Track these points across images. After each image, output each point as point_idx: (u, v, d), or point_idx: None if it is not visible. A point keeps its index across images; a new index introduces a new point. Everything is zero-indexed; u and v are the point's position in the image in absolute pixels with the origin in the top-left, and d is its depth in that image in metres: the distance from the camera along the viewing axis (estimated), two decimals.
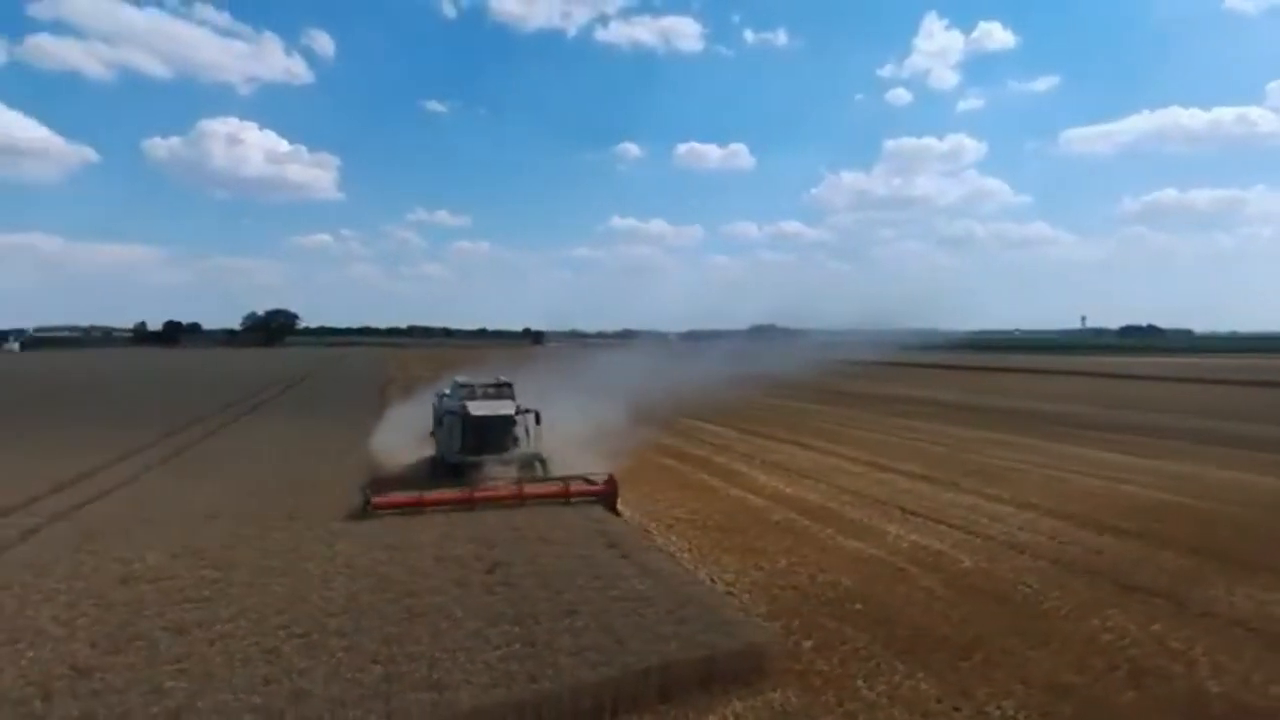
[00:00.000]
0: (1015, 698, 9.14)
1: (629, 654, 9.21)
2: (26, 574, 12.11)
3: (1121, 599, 12.38)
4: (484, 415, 18.84)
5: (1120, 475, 22.04)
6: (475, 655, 9.11)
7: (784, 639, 10.81)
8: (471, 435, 18.76)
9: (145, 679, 8.45)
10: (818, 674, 9.79)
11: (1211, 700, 9.05)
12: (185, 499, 18.12)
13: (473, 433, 18.76)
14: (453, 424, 19.06)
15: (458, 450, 18.78)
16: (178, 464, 23.68)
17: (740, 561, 14.43)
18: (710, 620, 10.28)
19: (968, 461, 24.79)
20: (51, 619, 10.22)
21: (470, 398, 19.46)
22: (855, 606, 12.15)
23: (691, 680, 9.13)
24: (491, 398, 19.66)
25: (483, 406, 19.11)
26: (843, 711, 8.85)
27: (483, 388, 19.96)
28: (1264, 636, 10.85)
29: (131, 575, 12.02)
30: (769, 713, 8.81)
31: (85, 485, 19.66)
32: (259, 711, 7.78)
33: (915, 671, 9.83)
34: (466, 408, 18.87)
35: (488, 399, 19.54)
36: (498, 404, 19.35)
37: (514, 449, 19.16)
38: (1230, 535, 15.95)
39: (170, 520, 15.82)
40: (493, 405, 19.24)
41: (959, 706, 8.95)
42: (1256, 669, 9.79)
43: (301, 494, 18.33)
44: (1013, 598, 12.55)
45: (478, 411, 18.86)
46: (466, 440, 18.73)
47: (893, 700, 9.11)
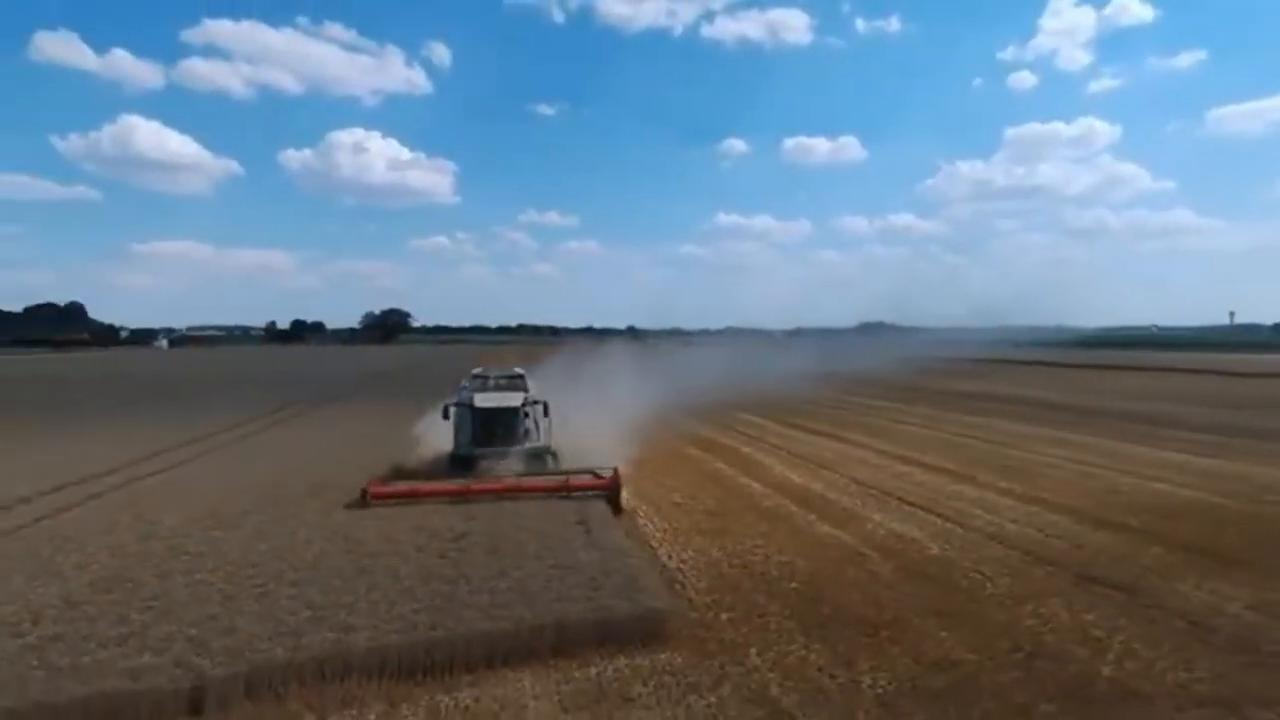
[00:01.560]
0: (895, 671, 9.36)
1: (530, 612, 10.04)
2: (69, 529, 14.21)
3: (1072, 589, 12.15)
4: (490, 407, 18.86)
5: (1162, 474, 20.92)
6: (395, 607, 10.17)
7: (705, 610, 11.34)
8: (479, 427, 18.79)
9: (117, 611, 9.99)
10: (717, 641, 10.28)
11: (1096, 682, 8.99)
12: (235, 473, 20.27)
13: (480, 425, 18.79)
14: (461, 416, 19.06)
15: (467, 442, 18.86)
16: (246, 443, 26.30)
17: (706, 542, 14.93)
18: (624, 589, 10.94)
19: (1005, 457, 24.06)
20: (70, 564, 12.08)
21: (480, 390, 19.70)
22: (792, 585, 12.49)
23: (587, 639, 9.84)
24: (502, 389, 19.86)
25: (490, 398, 19.20)
26: (721, 673, 9.34)
27: (495, 380, 20.26)
28: (1199, 629, 10.50)
29: (150, 534, 13.86)
30: (650, 669, 9.41)
31: (156, 460, 22.30)
32: (192, 640, 9.11)
33: (813, 644, 10.16)
34: (474, 399, 19.01)
35: (497, 390, 19.74)
36: (505, 395, 19.42)
37: (523, 441, 19.09)
38: (1238, 534, 15.11)
39: (210, 491, 17.83)
40: (500, 397, 19.32)
41: (835, 675, 9.26)
42: (1166, 658, 9.56)
43: (341, 470, 19.90)
44: (958, 583, 12.54)
45: (484, 403, 18.91)
46: (475, 432, 18.81)
47: (775, 666, 9.51)
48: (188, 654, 8.74)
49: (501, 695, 8.75)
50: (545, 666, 9.44)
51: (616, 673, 9.34)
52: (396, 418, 32.30)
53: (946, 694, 8.77)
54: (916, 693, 8.83)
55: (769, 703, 8.59)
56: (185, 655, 8.71)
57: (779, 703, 8.58)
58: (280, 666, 8.64)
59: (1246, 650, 9.83)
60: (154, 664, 8.50)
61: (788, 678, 9.23)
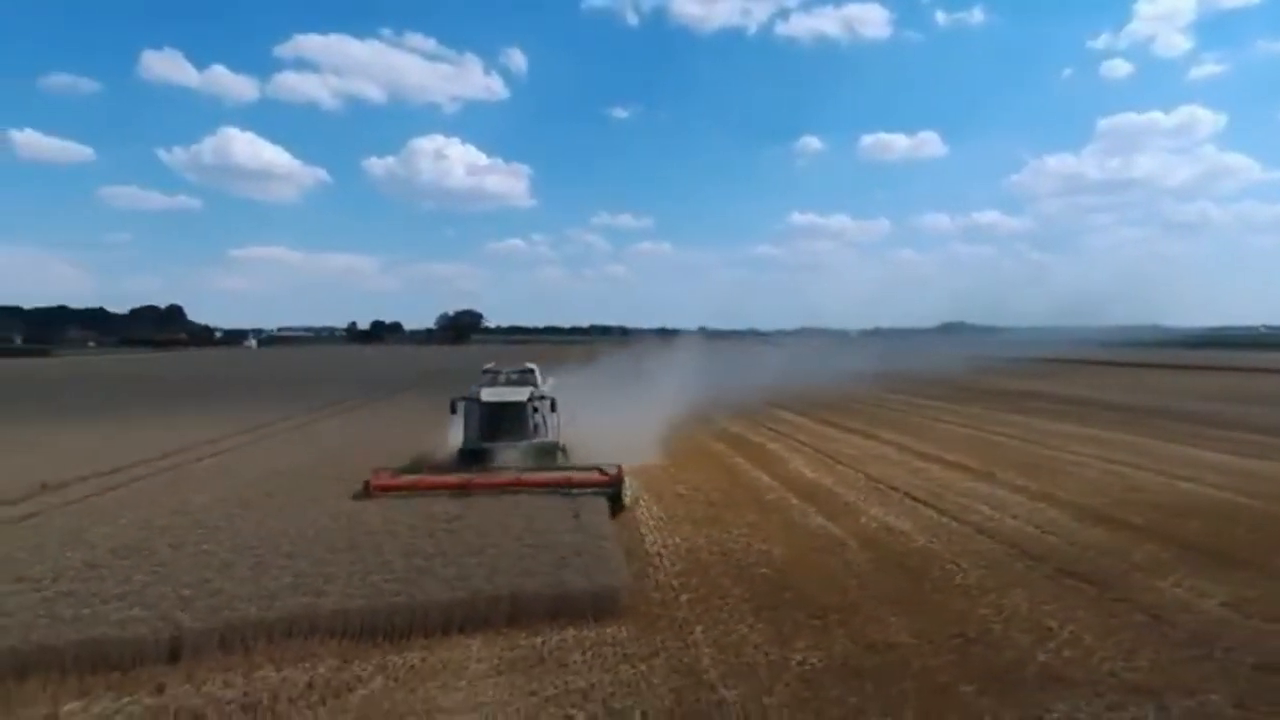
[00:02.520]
0: (829, 651, 9.61)
1: (490, 584, 10.71)
2: (110, 505, 15.69)
3: (1044, 582, 12.08)
4: (495, 401, 19.01)
5: (1195, 473, 20.15)
6: (369, 576, 10.99)
7: (668, 590, 11.81)
8: (486, 421, 18.89)
9: (125, 574, 11.13)
10: (669, 618, 10.72)
11: (1026, 668, 9.05)
12: (276, 459, 21.74)
13: (487, 419, 18.89)
14: (469, 410, 19.12)
15: (474, 437, 18.93)
16: (298, 432, 28.05)
17: (695, 530, 15.32)
18: (588, 567, 11.49)
19: (1034, 455, 23.57)
20: (100, 534, 13.39)
21: (488, 384, 19.88)
22: (762, 571, 12.81)
23: (541, 611, 10.44)
24: (512, 384, 20.07)
25: (496, 393, 19.36)
26: (659, 646, 9.76)
27: (505, 374, 20.45)
28: (1159, 623, 10.35)
29: (178, 511, 15.16)
30: (594, 640, 9.92)
31: (210, 447, 24.07)
32: (182, 599, 10.11)
33: (759, 624, 10.49)
34: (480, 394, 19.16)
35: (505, 385, 19.96)
36: (512, 390, 19.57)
37: (532, 436, 19.05)
38: (1248, 533, 14.65)
39: (247, 475, 19.25)
40: (507, 392, 19.51)
41: (769, 652, 9.58)
42: (1110, 649, 9.51)
43: (375, 458, 20.89)
44: (929, 574, 12.61)
45: (489, 398, 19.06)
46: (482, 426, 18.91)
47: (714, 643, 9.87)
48: (174, 610, 9.72)
49: (448, 657, 9.42)
50: (497, 634, 10.07)
51: (561, 642, 9.89)
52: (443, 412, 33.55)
53: (871, 673, 9.00)
54: (842, 670, 9.08)
55: (695, 674, 8.99)
56: (171, 611, 9.69)
57: (704, 674, 8.98)
58: (252, 624, 9.53)
59: (1200, 645, 9.68)
60: (142, 617, 9.51)
61: (722, 653, 9.60)
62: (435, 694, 8.48)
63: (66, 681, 8.54)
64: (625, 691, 8.54)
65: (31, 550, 12.46)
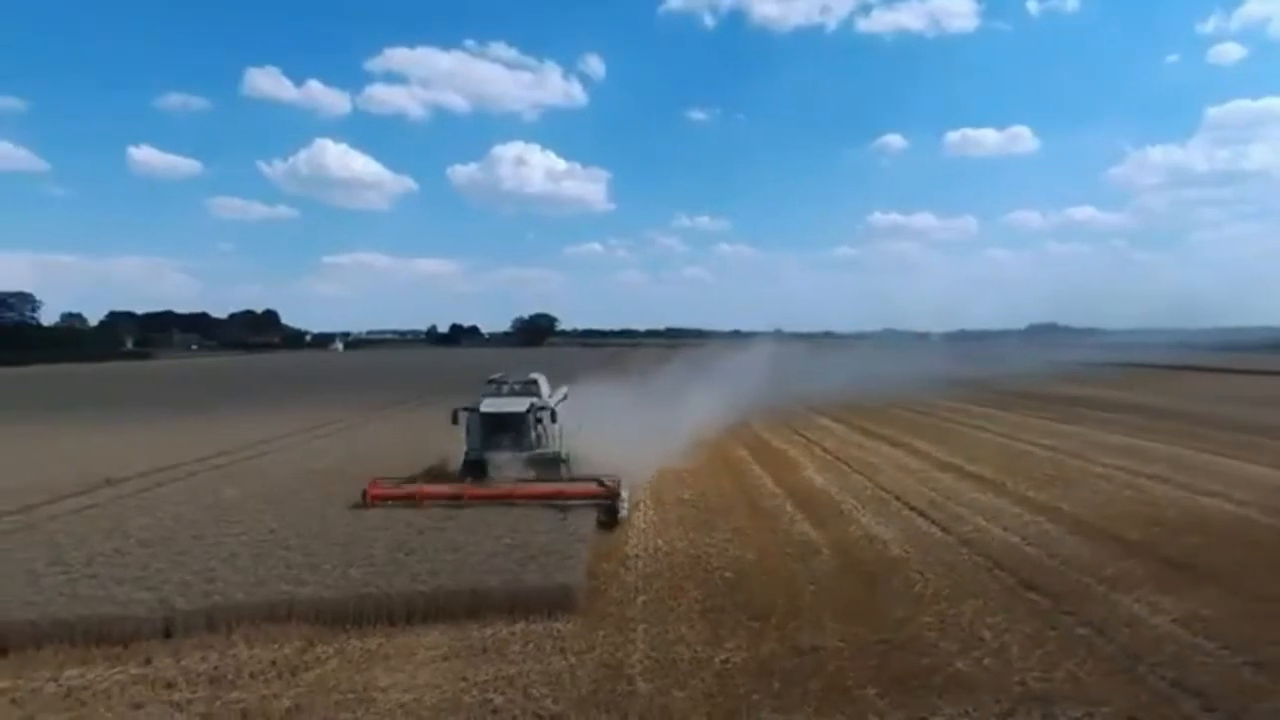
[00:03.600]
0: (755, 652, 10.13)
1: (454, 580, 11.67)
2: (153, 499, 17.49)
3: (1002, 594, 12.22)
4: (494, 412, 19.07)
5: (1225, 488, 19.38)
6: (350, 568, 12.13)
7: (628, 589, 12.52)
8: (486, 432, 19.03)
9: (145, 561, 12.60)
10: (617, 616, 11.42)
11: (938, 674, 9.34)
12: (317, 458, 23.47)
13: (487, 430, 19.02)
14: (470, 421, 19.29)
15: (476, 446, 19.09)
16: (348, 433, 29.97)
17: (680, 534, 15.89)
18: (550, 567, 12.32)
19: (1059, 466, 23.13)
20: (137, 525, 15.05)
21: (491, 394, 20.02)
22: (725, 575, 13.32)
23: (499, 605, 11.31)
24: (515, 394, 20.05)
25: (496, 404, 19.41)
26: (599, 641, 10.47)
27: (510, 385, 20.45)
28: (1098, 637, 10.44)
29: (211, 505, 16.81)
30: (540, 633, 10.72)
31: (263, 445, 26.05)
32: (183, 584, 11.47)
33: (698, 625, 11.07)
34: (481, 405, 19.27)
35: (507, 395, 20.01)
36: (513, 401, 19.57)
37: (532, 447, 19.03)
38: (1244, 551, 14.28)
39: (283, 473, 20.93)
40: (507, 402, 19.53)
41: (697, 651, 10.16)
42: (1032, 659, 9.71)
43: (413, 456, 22.29)
44: (888, 582, 12.89)
45: (489, 408, 19.15)
46: (482, 437, 19.07)
47: (649, 640, 10.50)
48: (173, 594, 11.07)
49: (403, 644, 10.41)
50: (454, 625, 10.99)
51: (509, 634, 10.74)
52: None
53: (784, 673, 9.49)
54: (758, 670, 9.61)
55: (619, 667, 9.69)
56: (171, 595, 11.04)
57: (628, 668, 9.66)
58: (236, 608, 10.77)
59: (1127, 659, 9.78)
60: (144, 599, 10.88)
61: (654, 650, 10.24)
62: (379, 675, 9.45)
63: (73, 651, 9.93)
64: (548, 681, 9.31)
65: (75, 538, 14.15)
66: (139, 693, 8.91)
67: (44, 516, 15.99)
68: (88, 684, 9.13)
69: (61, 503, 17.33)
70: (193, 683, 9.15)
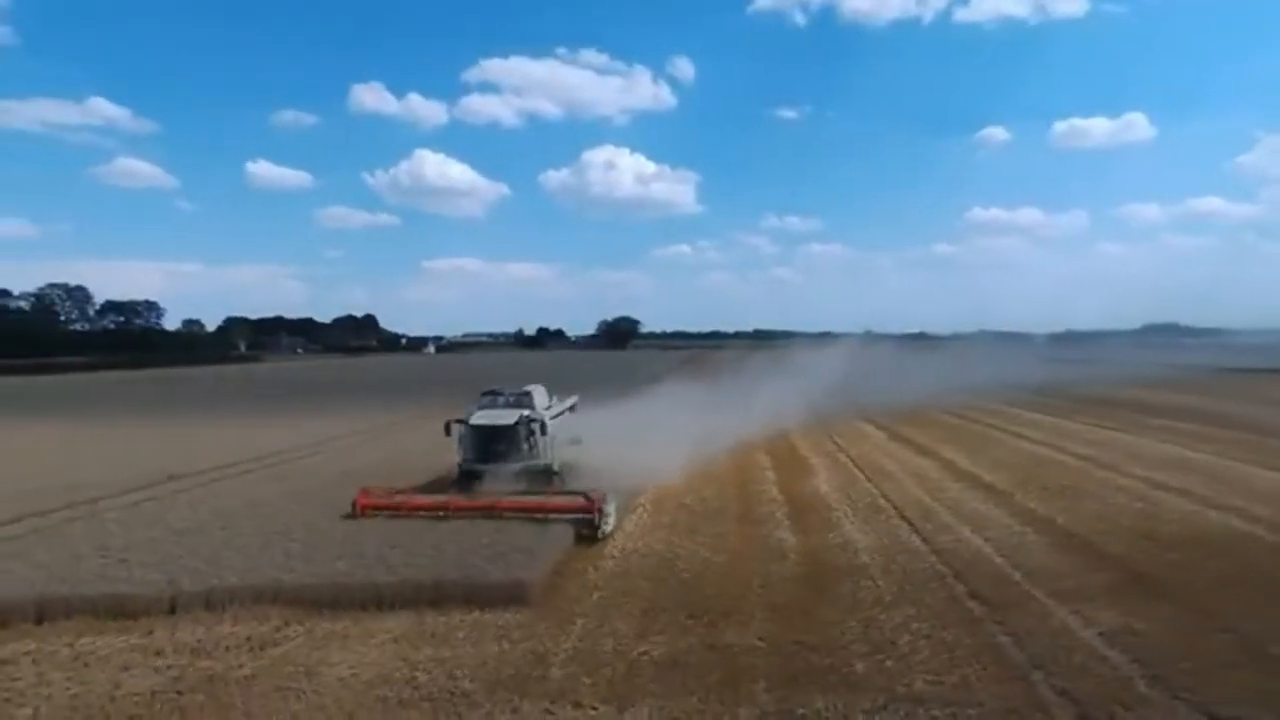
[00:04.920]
0: (673, 647, 10.85)
1: (421, 573, 12.94)
2: (206, 494, 19.65)
3: (945, 602, 12.51)
4: (484, 424, 19.32)
5: (1243, 504, 18.61)
6: (337, 560, 13.58)
7: (586, 586, 13.48)
8: (477, 444, 19.36)
9: (171, 549, 14.41)
10: (565, 610, 12.36)
11: (834, 674, 9.90)
12: (360, 458, 25.45)
13: (477, 442, 19.35)
14: (461, 432, 19.62)
15: (468, 458, 19.45)
16: (402, 433, 32.06)
17: (665, 538, 16.60)
18: (515, 564, 13.43)
19: (1083, 477, 22.67)
20: (178, 517, 17.10)
21: (483, 406, 20.23)
22: (684, 576, 14.11)
23: (458, 596, 12.49)
24: (510, 406, 20.12)
25: (485, 416, 19.58)
26: (539, 631, 11.43)
27: (504, 397, 20.57)
28: (1013, 646, 10.67)
29: (250, 501, 18.75)
30: (489, 623, 11.75)
31: (317, 445, 28.34)
32: (192, 569, 13.15)
33: (635, 620, 11.92)
34: (471, 416, 19.61)
35: (498, 408, 20.07)
36: (503, 413, 19.68)
37: (524, 459, 19.25)
38: (1220, 565, 14.12)
39: (326, 472, 22.87)
40: (497, 414, 19.64)
41: (621, 644, 10.99)
42: (934, 663, 10.14)
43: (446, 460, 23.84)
44: (837, 588, 13.33)
45: (479, 420, 19.44)
46: (473, 449, 19.43)
47: (584, 633, 11.41)
48: (181, 576, 12.78)
49: (365, 627, 11.70)
50: (415, 613, 12.20)
51: (461, 622, 11.89)
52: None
53: (690, 667, 10.25)
54: (669, 663, 10.40)
55: (544, 655, 10.67)
56: (179, 577, 12.75)
57: (551, 656, 10.63)
58: (230, 590, 12.34)
59: (1028, 668, 10.06)
60: (158, 580, 12.62)
61: (582, 641, 11.19)
62: (333, 653, 10.76)
63: (93, 623, 11.70)
64: (475, 664, 10.39)
65: (123, 528, 16.25)
66: (132, 658, 10.52)
67: (105, 508, 18.25)
68: (94, 649, 10.83)
69: (125, 496, 19.66)
70: (178, 652, 10.71)
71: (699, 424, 28.95)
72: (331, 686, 9.77)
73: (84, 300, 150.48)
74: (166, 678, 9.96)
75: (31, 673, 10.16)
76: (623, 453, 21.79)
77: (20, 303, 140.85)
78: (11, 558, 14.06)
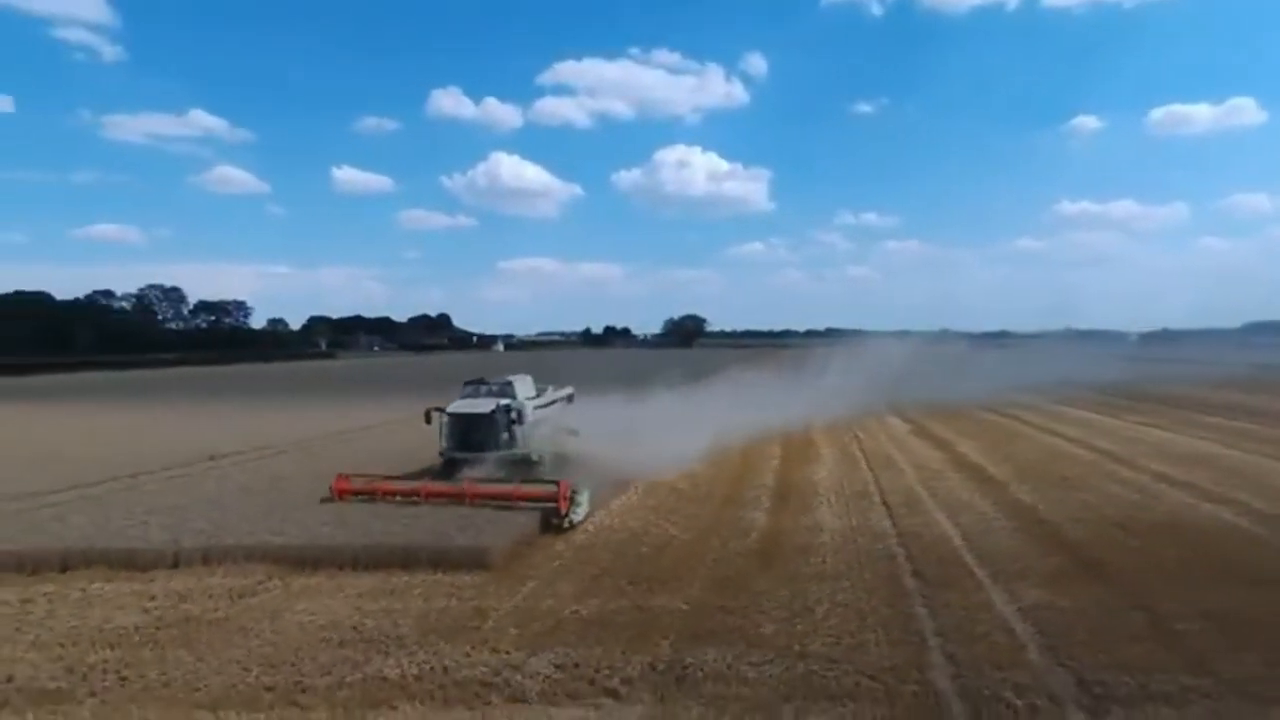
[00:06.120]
0: (603, 608, 11.63)
1: (395, 539, 14.16)
2: (237, 471, 21.53)
3: (884, 580, 12.83)
4: (460, 413, 19.81)
5: (1246, 497, 18.34)
6: (323, 528, 14.92)
7: (550, 556, 14.46)
8: (455, 433, 19.84)
9: (187, 515, 16.07)
10: (520, 575, 13.32)
11: (738, 633, 10.62)
12: (387, 444, 27.13)
13: (456, 430, 19.83)
14: (441, 421, 20.16)
15: (448, 447, 19.94)
16: None
17: (643, 517, 17.34)
18: (483, 534, 14.51)
19: (1091, 469, 22.49)
20: (206, 489, 18.94)
21: (465, 395, 20.70)
22: (643, 550, 14.90)
23: (425, 560, 13.65)
24: (491, 395, 20.43)
25: (463, 405, 20.03)
26: (488, 591, 12.51)
27: (486, 387, 20.91)
28: (929, 617, 11.15)
29: (274, 478, 20.47)
30: (449, 582, 12.79)
31: (349, 433, 30.20)
32: (200, 532, 14.74)
33: (579, 585, 12.78)
34: (449, 406, 20.14)
35: (479, 397, 20.46)
36: (480, 402, 20.08)
37: (503, 448, 19.68)
38: (1169, 552, 14.15)
39: (353, 455, 24.54)
40: (474, 404, 20.05)
41: (559, 604, 11.86)
42: (838, 631, 10.66)
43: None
44: (786, 563, 13.81)
45: (456, 409, 19.92)
46: (453, 437, 19.92)
47: (528, 594, 12.36)
48: (185, 536, 14.39)
49: (337, 583, 12.93)
50: (385, 571, 13.42)
51: (422, 581, 13.00)
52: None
53: (613, 624, 11.06)
54: (594, 621, 11.22)
55: (485, 609, 11.64)
56: (183, 536, 14.37)
57: (491, 611, 11.60)
58: (226, 549, 13.85)
59: (931, 634, 10.56)
60: (166, 540, 14.25)
61: (525, 600, 12.14)
62: (300, 603, 12.03)
63: (109, 572, 13.33)
64: (419, 615, 11.47)
65: (152, 497, 18.09)
66: (128, 600, 12.05)
67: (144, 482, 20.27)
68: (102, 593, 12.43)
69: (166, 472, 21.71)
70: (168, 597, 12.19)
71: (728, 418, 29.60)
72: (288, 629, 11.00)
73: (179, 300, 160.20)
74: (151, 617, 11.40)
75: (44, 609, 11.79)
76: (642, 443, 22.78)
77: (122, 303, 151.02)
78: (53, 519, 15.96)
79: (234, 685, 9.29)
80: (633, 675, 9.40)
